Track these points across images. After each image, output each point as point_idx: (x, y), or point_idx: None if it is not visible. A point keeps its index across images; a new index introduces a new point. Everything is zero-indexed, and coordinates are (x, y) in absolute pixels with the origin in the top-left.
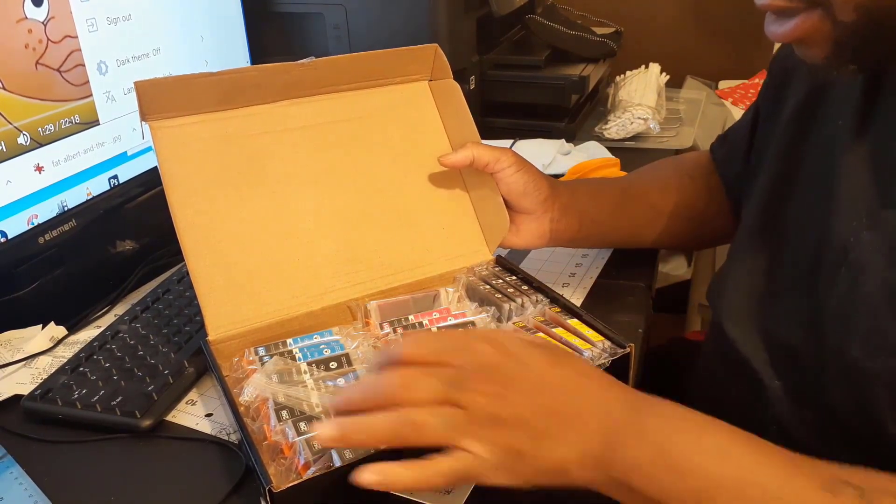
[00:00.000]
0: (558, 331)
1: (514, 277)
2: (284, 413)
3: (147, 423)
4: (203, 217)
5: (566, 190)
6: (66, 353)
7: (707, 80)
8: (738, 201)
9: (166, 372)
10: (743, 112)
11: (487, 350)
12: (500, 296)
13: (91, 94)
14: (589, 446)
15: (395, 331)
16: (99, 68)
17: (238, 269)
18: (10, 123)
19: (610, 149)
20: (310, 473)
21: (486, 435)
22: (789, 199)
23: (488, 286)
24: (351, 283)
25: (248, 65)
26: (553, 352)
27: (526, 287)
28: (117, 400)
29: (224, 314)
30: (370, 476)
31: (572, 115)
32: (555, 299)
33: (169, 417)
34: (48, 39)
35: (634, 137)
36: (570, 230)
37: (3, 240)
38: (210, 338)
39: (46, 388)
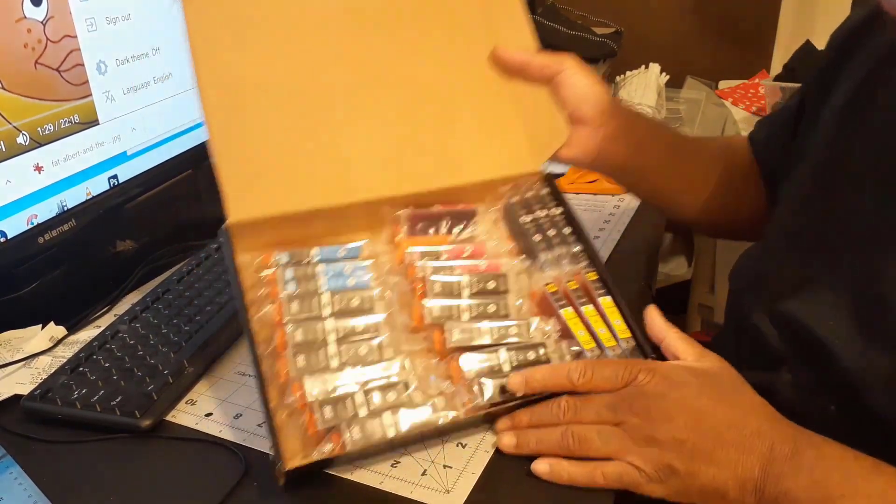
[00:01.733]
0: (587, 310)
1: (559, 211)
2: (301, 359)
3: (147, 423)
4: (228, 77)
5: (626, 113)
6: (65, 353)
7: (707, 80)
8: (773, 188)
9: (166, 372)
10: (741, 111)
11: (653, 378)
12: (538, 237)
13: (90, 94)
14: (749, 473)
15: (423, 268)
16: (98, 68)
17: (264, 148)
18: (10, 123)
19: None
20: (321, 452)
21: (641, 452)
22: (838, 187)
23: (529, 217)
24: (383, 183)
25: None
26: (716, 383)
27: (568, 231)
28: (117, 400)
29: (246, 196)
30: (542, 466)
31: None
32: (592, 258)
33: (169, 417)
34: (47, 39)
35: None
36: (619, 156)
37: (2, 240)
38: (230, 220)
39: (46, 388)
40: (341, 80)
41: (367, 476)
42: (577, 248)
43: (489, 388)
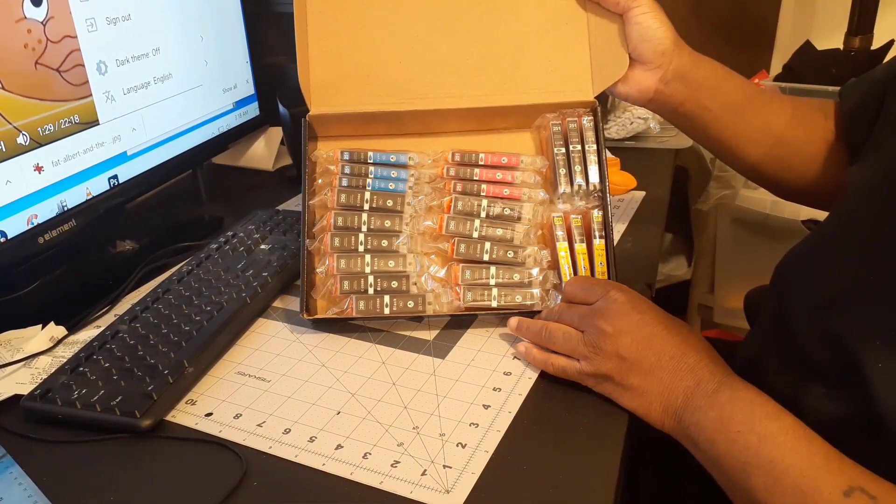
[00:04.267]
0: (579, 248)
1: (592, 148)
2: (337, 240)
3: (147, 423)
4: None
5: (690, 58)
6: (65, 353)
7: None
8: (853, 159)
9: (166, 372)
10: None
11: (620, 299)
12: (563, 171)
13: (90, 94)
14: (673, 400)
15: (454, 177)
16: (98, 68)
17: (349, 53)
18: (10, 123)
19: (610, 148)
20: (334, 311)
21: (588, 356)
22: None
23: (563, 150)
24: (445, 95)
25: (248, 66)
26: (673, 321)
27: (594, 169)
28: (117, 400)
29: (327, 93)
30: (521, 347)
31: None
32: (604, 200)
33: (169, 417)
34: (47, 39)
35: (634, 137)
36: (674, 99)
37: (2, 240)
38: (311, 113)
39: (46, 388)
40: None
41: (367, 476)
42: (594, 187)
43: (470, 294)
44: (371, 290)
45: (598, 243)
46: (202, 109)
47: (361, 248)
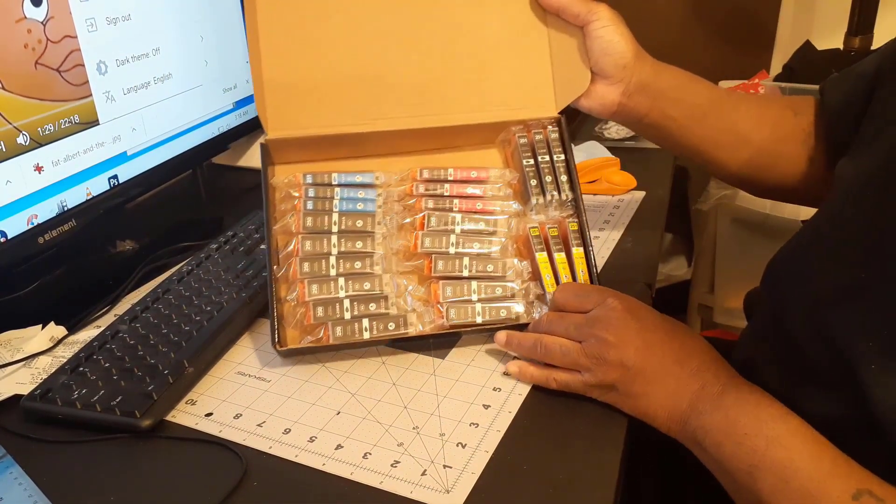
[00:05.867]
0: (558, 257)
1: (561, 158)
2: (306, 266)
3: (147, 423)
4: (285, 14)
5: (652, 68)
6: (65, 353)
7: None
8: (836, 155)
9: (166, 372)
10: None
11: (618, 307)
12: (535, 182)
13: (90, 94)
14: (678, 405)
15: (424, 194)
16: (98, 68)
17: (306, 73)
18: (10, 123)
19: (610, 148)
20: (309, 340)
21: (591, 368)
22: None
23: (532, 161)
24: (408, 115)
25: (248, 65)
26: (673, 325)
27: (564, 179)
28: (117, 400)
29: (284, 115)
30: (513, 367)
31: (572, 114)
32: (578, 208)
33: (169, 417)
34: (47, 39)
35: (634, 137)
36: (638, 111)
37: (2, 240)
38: (269, 136)
39: (46, 388)
40: (383, 16)
41: (367, 476)
42: (566, 197)
43: (454, 312)
44: (348, 315)
45: (578, 251)
46: (202, 109)
47: (333, 272)
